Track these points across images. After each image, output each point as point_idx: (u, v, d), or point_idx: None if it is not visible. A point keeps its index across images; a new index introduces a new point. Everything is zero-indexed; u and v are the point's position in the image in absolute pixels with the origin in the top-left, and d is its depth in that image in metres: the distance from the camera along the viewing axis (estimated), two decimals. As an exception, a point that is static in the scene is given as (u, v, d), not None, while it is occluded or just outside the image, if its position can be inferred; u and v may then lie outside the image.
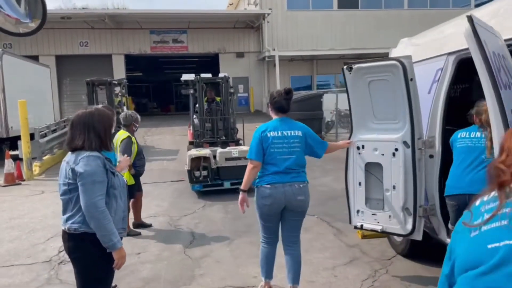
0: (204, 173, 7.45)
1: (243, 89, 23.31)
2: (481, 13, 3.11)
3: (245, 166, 3.70)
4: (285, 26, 22.48)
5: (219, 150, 7.93)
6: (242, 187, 3.55)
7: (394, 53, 4.66)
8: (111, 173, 2.52)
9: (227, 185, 7.61)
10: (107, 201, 2.47)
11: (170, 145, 13.98)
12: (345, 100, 4.30)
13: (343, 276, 4.05)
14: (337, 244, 4.87)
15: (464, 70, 3.50)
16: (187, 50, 23.37)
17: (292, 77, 23.23)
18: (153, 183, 8.59)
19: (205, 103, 9.45)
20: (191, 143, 9.56)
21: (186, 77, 9.51)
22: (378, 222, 3.92)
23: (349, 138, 4.07)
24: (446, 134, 3.61)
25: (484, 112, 3.26)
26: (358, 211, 4.05)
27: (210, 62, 25.47)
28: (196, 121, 9.42)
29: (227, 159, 7.66)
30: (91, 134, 2.50)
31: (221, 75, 9.17)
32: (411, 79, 3.55)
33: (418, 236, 3.72)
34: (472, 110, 3.51)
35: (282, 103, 3.53)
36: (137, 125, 5.60)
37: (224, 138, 9.28)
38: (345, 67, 3.86)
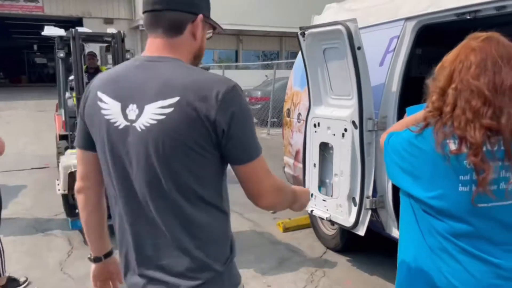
0: None
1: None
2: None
3: None
4: (161, -7, 20.64)
5: None
6: None
7: (319, 21, 4.02)
8: None
9: None
10: None
11: (26, 122, 11.59)
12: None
13: (277, 285, 3.35)
14: (259, 242, 4.15)
15: (427, 38, 3.01)
16: (42, 12, 19.89)
17: (169, 50, 21.67)
18: (7, 171, 6.74)
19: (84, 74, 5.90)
20: (62, 137, 5.96)
21: (51, 31, 6.30)
22: (327, 210, 3.42)
23: (307, 114, 3.59)
24: (403, 115, 3.11)
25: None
26: (312, 195, 3.54)
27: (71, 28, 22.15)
28: (71, 102, 6.04)
29: None
30: None
31: (110, 30, 6.09)
32: (359, 48, 2.95)
33: (361, 231, 3.22)
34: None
35: None
36: None
37: None
38: (299, 32, 3.30)
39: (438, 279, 1.32)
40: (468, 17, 2.54)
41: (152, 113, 1.11)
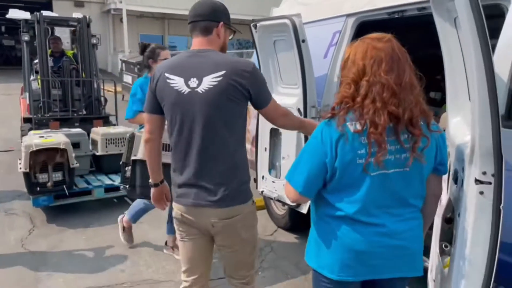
0: (57, 176, 4.39)
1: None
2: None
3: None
4: (134, -23, 20.35)
5: (98, 131, 5.18)
6: None
7: (277, 13, 4.25)
8: None
9: (98, 193, 4.72)
10: None
11: (-9, 106, 11.41)
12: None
13: (227, 259, 3.61)
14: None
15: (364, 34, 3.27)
16: (10, -8, 19.26)
17: (142, 36, 21.46)
18: (-30, 154, 6.74)
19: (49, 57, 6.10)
20: (27, 120, 6.13)
21: (16, 14, 6.30)
22: (275, 190, 3.66)
23: None
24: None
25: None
26: (263, 177, 3.81)
27: (40, 10, 21.47)
28: (35, 85, 6.14)
29: (109, 141, 5.06)
30: None
31: (76, 15, 6.20)
32: (303, 41, 3.19)
33: (304, 209, 3.51)
34: None
35: None
36: None
37: (84, 112, 6.16)
38: (251, 24, 3.48)
39: (333, 239, 1.59)
40: (397, 16, 2.82)
41: (209, 81, 1.84)
